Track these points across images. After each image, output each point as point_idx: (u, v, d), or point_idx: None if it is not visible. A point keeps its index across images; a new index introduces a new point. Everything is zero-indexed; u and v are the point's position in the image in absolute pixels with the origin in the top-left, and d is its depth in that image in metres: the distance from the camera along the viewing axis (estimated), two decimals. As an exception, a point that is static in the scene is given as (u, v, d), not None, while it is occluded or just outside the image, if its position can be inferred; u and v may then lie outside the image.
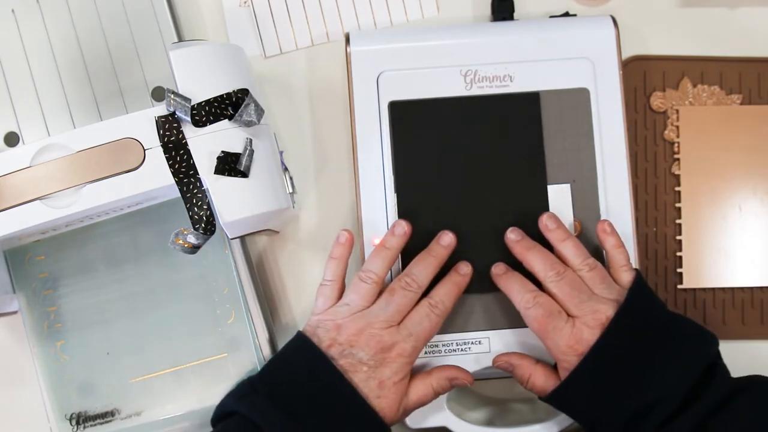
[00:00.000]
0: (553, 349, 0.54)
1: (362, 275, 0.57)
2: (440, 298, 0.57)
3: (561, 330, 0.53)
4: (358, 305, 0.56)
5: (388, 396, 0.54)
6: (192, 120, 0.55)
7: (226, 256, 0.63)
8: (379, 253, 0.58)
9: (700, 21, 0.68)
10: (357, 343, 0.54)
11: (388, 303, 0.56)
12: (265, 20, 0.68)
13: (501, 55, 0.62)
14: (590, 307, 0.54)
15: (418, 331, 0.55)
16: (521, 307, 0.56)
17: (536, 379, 0.56)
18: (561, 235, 0.58)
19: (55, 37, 0.64)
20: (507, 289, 0.57)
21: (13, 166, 0.54)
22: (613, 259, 0.57)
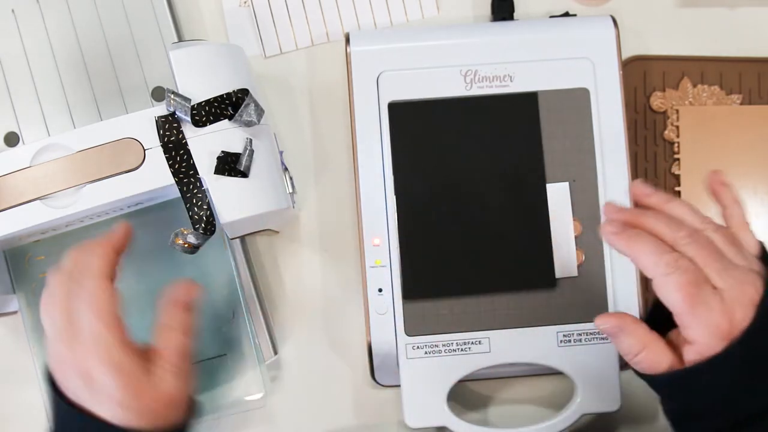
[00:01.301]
0: (691, 328, 0.44)
1: None
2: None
3: (709, 305, 0.43)
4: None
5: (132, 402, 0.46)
6: (192, 120, 0.55)
7: (226, 256, 0.63)
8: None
9: (700, 21, 0.68)
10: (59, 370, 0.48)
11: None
12: (265, 20, 0.68)
13: (501, 55, 0.62)
14: (736, 277, 0.44)
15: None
16: (657, 273, 0.44)
17: (651, 354, 0.46)
18: (664, 197, 0.48)
19: (55, 37, 0.64)
20: (634, 249, 0.45)
21: (13, 166, 0.54)
22: (732, 217, 0.48)
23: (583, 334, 0.60)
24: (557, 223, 0.61)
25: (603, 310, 0.60)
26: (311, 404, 0.65)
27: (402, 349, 0.60)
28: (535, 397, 0.65)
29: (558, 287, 0.60)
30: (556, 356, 0.60)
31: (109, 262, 0.49)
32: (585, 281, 0.60)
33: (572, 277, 0.60)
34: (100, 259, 0.49)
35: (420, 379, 0.60)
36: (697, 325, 0.43)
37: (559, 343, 0.60)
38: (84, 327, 0.46)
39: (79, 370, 0.46)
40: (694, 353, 0.44)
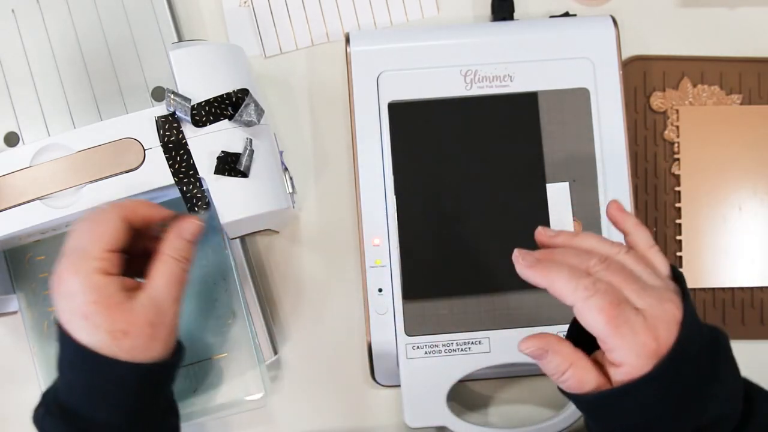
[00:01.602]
0: (617, 350, 0.42)
1: None
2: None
3: (633, 325, 0.42)
4: None
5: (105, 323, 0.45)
6: (192, 120, 0.55)
7: (226, 256, 0.63)
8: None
9: (700, 21, 0.68)
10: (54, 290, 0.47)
11: None
12: (265, 20, 0.68)
13: (501, 55, 0.62)
14: (655, 296, 0.43)
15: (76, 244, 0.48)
16: (577, 298, 0.43)
17: (578, 371, 0.44)
18: (570, 234, 0.48)
19: (55, 37, 0.64)
20: (550, 277, 0.44)
21: (13, 166, 0.54)
22: (639, 241, 0.47)
23: (583, 334, 0.60)
24: (557, 223, 0.61)
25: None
26: (311, 404, 0.65)
27: (402, 349, 0.60)
28: (535, 397, 0.65)
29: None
30: (556, 356, 0.60)
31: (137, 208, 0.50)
32: (585, 281, 0.60)
33: (572, 277, 0.60)
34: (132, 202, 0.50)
35: (420, 379, 0.60)
36: (623, 347, 0.42)
37: (559, 343, 0.60)
38: (76, 244, 0.47)
39: (60, 285, 0.46)
40: (623, 374, 0.42)
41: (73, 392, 0.47)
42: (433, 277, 0.60)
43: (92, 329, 0.45)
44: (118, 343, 0.45)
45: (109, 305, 0.45)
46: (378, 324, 0.60)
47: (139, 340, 0.46)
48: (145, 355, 0.46)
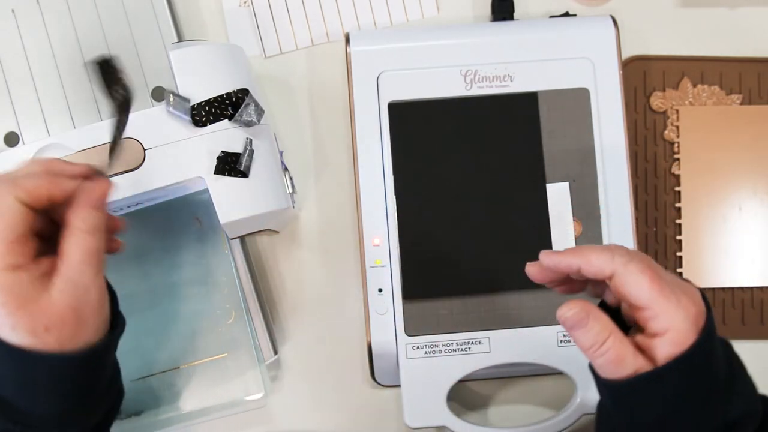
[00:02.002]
0: (664, 314, 0.40)
1: None
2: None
3: (673, 288, 0.41)
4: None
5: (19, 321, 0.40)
6: (192, 120, 0.55)
7: (226, 256, 0.63)
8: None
9: (700, 21, 0.68)
10: None
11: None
12: (265, 20, 0.68)
13: (501, 55, 0.62)
14: (680, 288, 0.42)
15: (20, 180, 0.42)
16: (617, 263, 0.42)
17: (617, 346, 0.41)
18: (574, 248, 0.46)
19: (55, 37, 0.64)
20: (584, 253, 0.44)
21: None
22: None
23: (583, 334, 0.60)
24: (557, 223, 0.61)
25: (603, 310, 0.60)
26: (311, 404, 0.65)
27: (402, 349, 0.60)
28: (535, 397, 0.65)
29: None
30: (556, 356, 0.60)
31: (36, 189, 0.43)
32: (585, 281, 0.60)
33: (572, 277, 0.60)
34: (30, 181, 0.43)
35: (420, 379, 0.60)
36: (669, 309, 0.40)
37: (559, 343, 0.60)
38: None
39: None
40: (670, 343, 0.40)
41: (6, 386, 0.42)
42: (433, 277, 0.60)
43: (9, 330, 0.40)
44: (42, 340, 0.41)
45: (21, 304, 0.40)
46: (378, 324, 0.60)
47: (64, 331, 0.41)
48: (74, 343, 0.42)
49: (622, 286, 0.42)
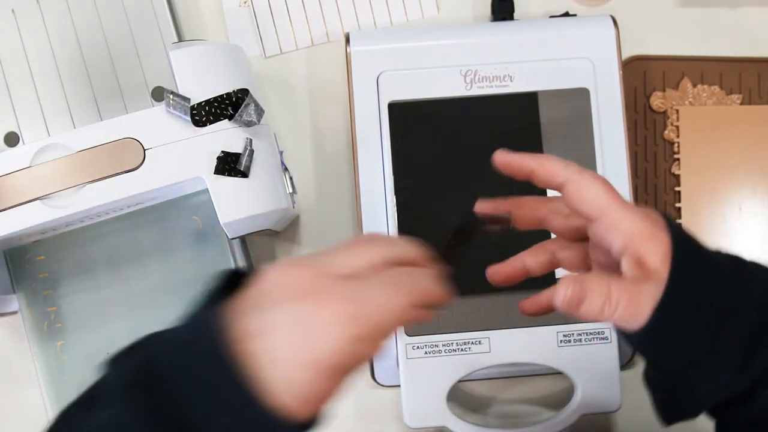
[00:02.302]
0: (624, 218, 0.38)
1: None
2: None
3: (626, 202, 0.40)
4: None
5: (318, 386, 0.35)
6: (192, 120, 0.55)
7: (226, 256, 0.63)
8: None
9: (700, 21, 0.68)
10: (282, 293, 0.36)
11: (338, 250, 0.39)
12: (265, 20, 0.68)
13: (501, 55, 0.62)
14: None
15: (371, 296, 0.37)
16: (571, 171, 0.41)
17: (621, 291, 0.38)
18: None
19: (55, 37, 0.64)
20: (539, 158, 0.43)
21: (13, 166, 0.54)
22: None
23: (583, 334, 0.60)
24: (557, 223, 0.61)
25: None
26: (311, 404, 0.65)
27: (402, 349, 0.60)
28: (535, 397, 0.65)
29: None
30: (556, 356, 0.60)
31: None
32: (585, 281, 0.60)
33: (572, 277, 0.60)
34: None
35: (420, 379, 0.60)
36: (627, 215, 0.38)
37: (559, 343, 0.60)
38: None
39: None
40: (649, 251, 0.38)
41: (188, 394, 0.35)
42: (433, 277, 0.60)
43: (301, 381, 0.35)
44: (308, 406, 0.36)
45: (338, 376, 0.36)
46: (378, 324, 0.60)
47: (322, 409, 0.37)
48: (289, 415, 0.35)
49: (576, 193, 0.40)
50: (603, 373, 0.60)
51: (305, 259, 0.38)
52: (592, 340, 0.60)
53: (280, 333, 0.35)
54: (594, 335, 0.60)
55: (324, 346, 0.35)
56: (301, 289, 0.36)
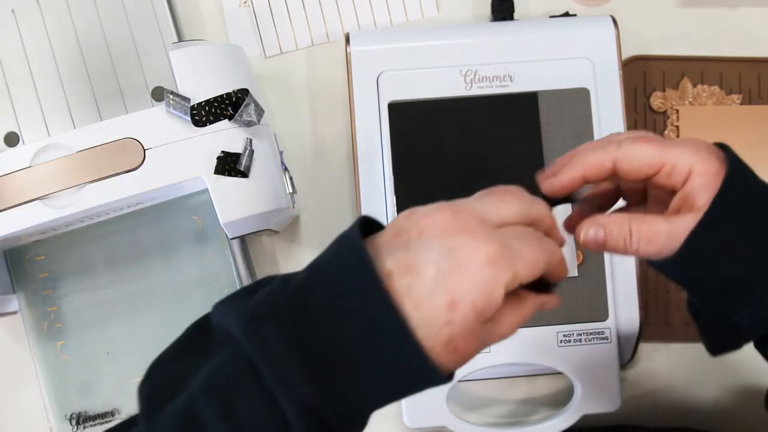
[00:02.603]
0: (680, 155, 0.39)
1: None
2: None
3: (678, 141, 0.40)
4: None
5: (458, 329, 0.35)
6: (192, 120, 0.55)
7: (226, 256, 0.63)
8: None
9: (700, 21, 0.68)
10: (425, 231, 0.36)
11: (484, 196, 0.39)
12: (265, 20, 0.68)
13: (501, 55, 0.62)
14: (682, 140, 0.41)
15: (520, 248, 0.36)
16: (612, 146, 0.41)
17: (641, 227, 0.39)
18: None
19: (55, 37, 0.64)
20: (580, 152, 0.42)
21: (13, 166, 0.54)
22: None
23: (583, 334, 0.60)
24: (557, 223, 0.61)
25: (603, 310, 0.60)
26: (311, 404, 0.65)
27: (402, 349, 0.60)
28: (535, 397, 0.65)
29: (558, 287, 0.60)
30: (556, 356, 0.60)
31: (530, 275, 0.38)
32: (585, 281, 0.60)
33: (572, 277, 0.60)
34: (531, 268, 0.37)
35: (420, 379, 0.60)
36: (680, 152, 0.39)
37: (559, 343, 0.60)
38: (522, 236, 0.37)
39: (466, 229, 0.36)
40: (701, 180, 0.38)
41: (338, 341, 0.35)
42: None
43: (441, 319, 0.34)
44: (445, 353, 0.35)
45: (479, 319, 0.35)
46: (378, 324, 0.60)
47: (456, 363, 0.37)
48: (440, 370, 0.36)
49: (628, 166, 0.40)
50: (603, 373, 0.60)
51: (447, 203, 0.38)
52: (592, 340, 0.60)
53: (431, 270, 0.34)
54: (594, 335, 0.60)
55: (476, 287, 0.34)
56: (452, 227, 0.35)
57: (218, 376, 0.36)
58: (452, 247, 0.35)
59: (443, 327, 0.34)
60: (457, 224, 0.36)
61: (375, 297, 0.34)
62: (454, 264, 0.34)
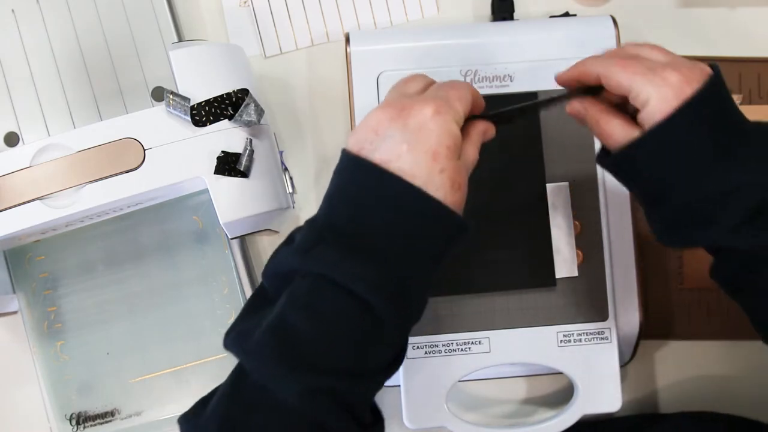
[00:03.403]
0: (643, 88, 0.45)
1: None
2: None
3: (655, 67, 0.45)
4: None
5: (450, 170, 0.44)
6: (192, 120, 0.55)
7: (226, 256, 0.63)
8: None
9: (700, 21, 0.68)
10: (380, 127, 0.44)
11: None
12: (265, 20, 0.68)
13: (501, 55, 0.62)
14: (681, 58, 0.47)
15: (446, 93, 0.46)
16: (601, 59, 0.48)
17: (601, 117, 0.47)
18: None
19: (55, 37, 0.64)
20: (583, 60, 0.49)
21: (13, 166, 0.54)
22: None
23: (583, 334, 0.60)
24: (557, 223, 0.61)
25: (603, 310, 0.60)
26: (311, 404, 0.65)
27: (402, 349, 0.60)
28: (535, 397, 0.65)
29: (558, 287, 0.60)
30: (556, 356, 0.60)
31: (465, 113, 0.47)
32: (585, 281, 0.60)
33: (572, 277, 0.60)
34: (464, 106, 0.47)
35: (420, 379, 0.60)
36: (646, 85, 0.44)
37: (559, 343, 0.60)
38: (441, 95, 0.46)
39: (414, 117, 0.44)
40: (649, 114, 0.44)
41: (373, 229, 0.43)
42: (433, 277, 0.60)
43: (436, 172, 0.43)
44: (452, 193, 0.44)
45: (455, 156, 0.45)
46: (378, 324, 0.60)
47: (462, 199, 0.45)
48: (457, 211, 0.45)
49: (607, 83, 0.46)
50: (603, 373, 0.60)
51: (374, 108, 0.46)
52: (592, 340, 0.60)
53: (404, 147, 0.43)
54: (594, 335, 0.60)
55: (440, 135, 0.44)
56: (393, 113, 0.44)
57: (295, 295, 0.43)
58: (405, 124, 0.44)
59: (440, 175, 0.43)
60: (394, 110, 0.44)
61: (388, 181, 0.43)
62: (415, 132, 0.44)
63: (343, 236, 0.43)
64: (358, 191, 0.44)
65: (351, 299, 0.42)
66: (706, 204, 0.44)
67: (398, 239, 0.43)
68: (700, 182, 0.44)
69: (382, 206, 0.43)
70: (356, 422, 0.44)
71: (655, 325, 0.65)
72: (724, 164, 0.44)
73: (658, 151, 0.45)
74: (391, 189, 0.43)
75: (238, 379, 0.44)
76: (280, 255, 0.46)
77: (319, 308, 0.42)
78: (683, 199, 0.45)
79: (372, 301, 0.42)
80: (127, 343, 0.63)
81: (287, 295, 0.43)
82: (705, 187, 0.44)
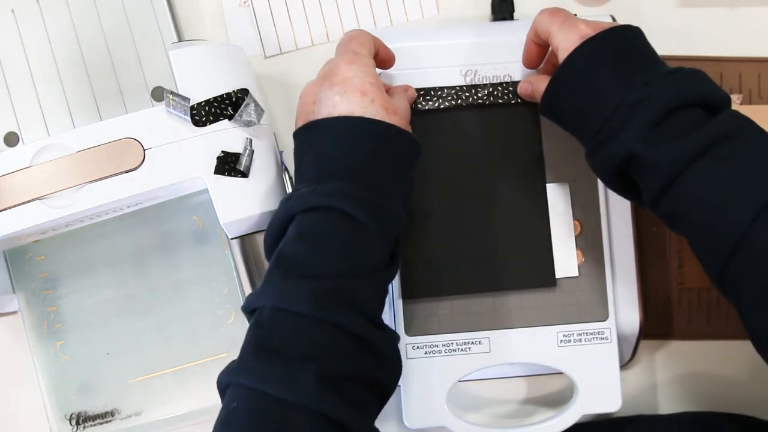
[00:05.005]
0: (557, 34, 0.53)
1: None
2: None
3: (573, 20, 0.53)
4: None
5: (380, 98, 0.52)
6: (192, 120, 0.55)
7: (226, 256, 0.63)
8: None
9: (700, 21, 0.68)
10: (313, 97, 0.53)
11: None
12: (265, 20, 0.68)
13: (501, 55, 0.62)
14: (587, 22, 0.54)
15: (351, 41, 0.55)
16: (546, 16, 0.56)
17: (539, 83, 0.56)
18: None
19: (55, 37, 0.64)
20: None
21: (13, 166, 0.54)
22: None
23: (583, 334, 0.60)
24: (557, 223, 0.61)
25: (603, 310, 0.60)
26: (311, 404, 0.65)
27: (402, 349, 0.60)
28: (535, 397, 0.65)
29: (558, 287, 0.60)
30: (556, 356, 0.60)
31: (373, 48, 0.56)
32: (585, 281, 0.60)
33: (572, 277, 0.60)
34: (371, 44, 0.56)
35: (420, 379, 0.60)
36: (561, 32, 0.53)
37: (559, 343, 0.60)
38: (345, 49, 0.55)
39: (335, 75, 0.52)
40: (562, 53, 0.52)
41: (335, 160, 0.50)
42: (432, 277, 0.60)
43: (368, 102, 0.51)
44: (389, 117, 0.51)
45: (381, 88, 0.53)
46: (378, 324, 0.60)
47: (401, 122, 0.52)
48: (398, 126, 0.52)
49: (538, 27, 0.55)
50: (603, 373, 0.60)
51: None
52: (592, 340, 0.60)
53: (337, 98, 0.52)
54: (594, 335, 0.60)
55: (361, 76, 0.52)
56: (320, 79, 0.53)
57: (288, 235, 0.49)
58: (330, 82, 0.52)
59: (373, 104, 0.52)
60: (318, 79, 0.53)
61: (335, 122, 0.51)
62: (340, 84, 0.52)
63: (313, 179, 0.50)
64: (315, 147, 0.51)
65: (332, 214, 0.48)
66: (615, 121, 0.49)
67: (359, 160, 0.50)
68: (607, 101, 0.50)
69: (339, 142, 0.51)
70: (368, 320, 0.48)
71: (655, 325, 0.65)
72: (626, 82, 0.50)
73: (570, 80, 0.52)
74: (340, 126, 0.51)
75: (257, 317, 0.48)
76: (269, 224, 0.52)
77: (308, 232, 0.49)
78: (598, 122, 0.50)
79: (350, 209, 0.48)
80: (127, 343, 0.63)
81: (282, 242, 0.50)
82: (611, 103, 0.49)
